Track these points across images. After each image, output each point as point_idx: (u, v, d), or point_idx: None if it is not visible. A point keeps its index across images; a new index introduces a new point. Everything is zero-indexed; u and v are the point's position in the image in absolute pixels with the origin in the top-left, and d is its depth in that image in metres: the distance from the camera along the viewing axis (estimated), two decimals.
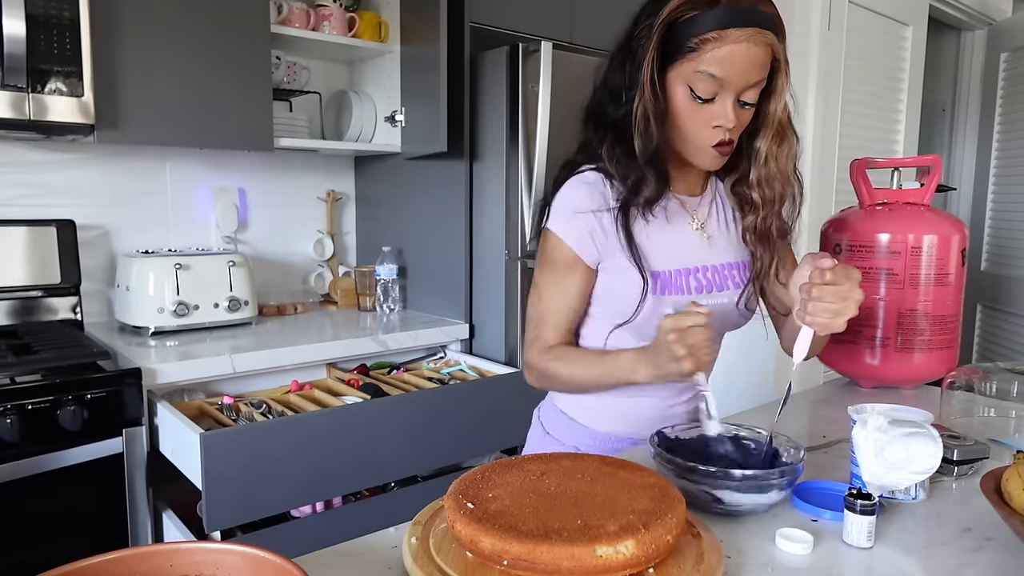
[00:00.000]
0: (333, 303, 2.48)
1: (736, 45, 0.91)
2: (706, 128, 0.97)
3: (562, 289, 1.07)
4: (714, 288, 1.06)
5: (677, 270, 1.05)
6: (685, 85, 0.96)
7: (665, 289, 1.03)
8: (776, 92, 0.99)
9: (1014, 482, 0.73)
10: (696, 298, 1.04)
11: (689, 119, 0.97)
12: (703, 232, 1.08)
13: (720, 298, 1.06)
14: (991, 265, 3.33)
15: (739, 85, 0.94)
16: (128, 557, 0.60)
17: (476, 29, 2.10)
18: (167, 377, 1.65)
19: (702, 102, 0.95)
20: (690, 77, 0.95)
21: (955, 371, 1.23)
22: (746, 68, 0.93)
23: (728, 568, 0.72)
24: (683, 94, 0.96)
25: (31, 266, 1.90)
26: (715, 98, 0.95)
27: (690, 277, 1.05)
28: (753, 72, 0.94)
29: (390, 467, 1.75)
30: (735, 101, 0.96)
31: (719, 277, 1.07)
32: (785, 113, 1.02)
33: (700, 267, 1.06)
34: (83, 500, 1.53)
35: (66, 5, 1.61)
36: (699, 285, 1.05)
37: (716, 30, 0.91)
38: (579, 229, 1.03)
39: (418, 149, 2.21)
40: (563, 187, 1.05)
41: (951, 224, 1.34)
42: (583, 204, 1.03)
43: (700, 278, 1.06)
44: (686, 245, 1.06)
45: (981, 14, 3.24)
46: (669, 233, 1.05)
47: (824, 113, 2.47)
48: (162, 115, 1.83)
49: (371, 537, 0.79)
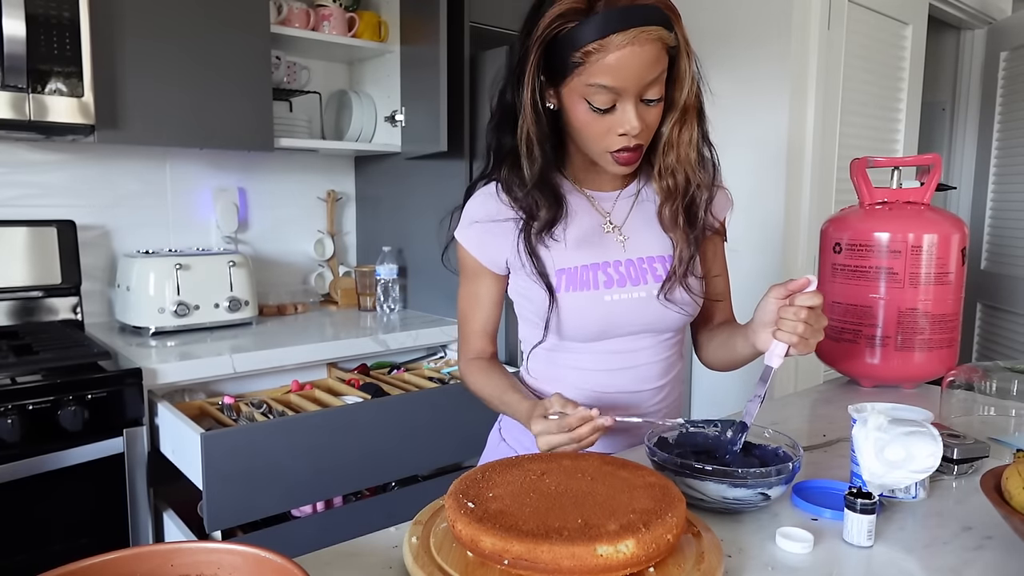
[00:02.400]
0: (333, 303, 2.48)
1: (621, 51, 0.87)
2: (612, 136, 0.94)
3: (473, 296, 1.11)
4: (627, 282, 1.03)
5: (584, 266, 1.03)
6: (582, 99, 0.93)
7: (570, 286, 1.02)
8: (679, 78, 0.95)
9: (1014, 481, 0.73)
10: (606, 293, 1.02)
11: (594, 130, 0.95)
12: (617, 231, 1.06)
13: (636, 292, 1.03)
14: (991, 264, 3.33)
15: (635, 89, 0.91)
16: (128, 557, 0.60)
17: (476, 29, 2.10)
18: (167, 377, 1.65)
19: (603, 112, 0.93)
20: (584, 91, 0.92)
21: (955, 370, 1.24)
22: (638, 71, 0.89)
23: (728, 567, 0.72)
24: (583, 109, 0.93)
25: (31, 266, 1.90)
26: (615, 106, 0.92)
27: (598, 272, 1.03)
28: (646, 72, 0.90)
29: (390, 467, 1.75)
30: (636, 103, 0.92)
31: (635, 271, 1.04)
32: (692, 96, 0.97)
33: (612, 262, 1.04)
34: (83, 500, 1.53)
35: (66, 5, 1.61)
36: (608, 279, 1.03)
37: (596, 40, 0.87)
38: (476, 238, 1.06)
39: (418, 149, 2.21)
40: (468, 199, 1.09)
41: (951, 223, 1.34)
42: (479, 213, 1.06)
43: (611, 272, 1.03)
44: (597, 242, 1.05)
45: (981, 13, 3.24)
46: (577, 231, 1.04)
47: (824, 112, 2.47)
48: (162, 115, 1.83)
49: (372, 537, 0.79)
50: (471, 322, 1.12)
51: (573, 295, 1.02)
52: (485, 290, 1.10)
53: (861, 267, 1.35)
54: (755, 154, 2.49)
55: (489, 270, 1.08)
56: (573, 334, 1.04)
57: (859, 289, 1.35)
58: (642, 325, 1.05)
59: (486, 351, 1.13)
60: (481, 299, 1.11)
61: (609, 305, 1.03)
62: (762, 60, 2.43)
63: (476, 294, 1.11)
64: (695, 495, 0.82)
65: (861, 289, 1.35)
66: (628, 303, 1.03)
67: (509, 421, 1.19)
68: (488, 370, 1.10)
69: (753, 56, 2.45)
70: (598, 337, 1.05)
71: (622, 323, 1.04)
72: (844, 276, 1.37)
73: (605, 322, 1.03)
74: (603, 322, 1.03)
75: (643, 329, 1.06)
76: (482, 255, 1.07)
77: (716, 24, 2.53)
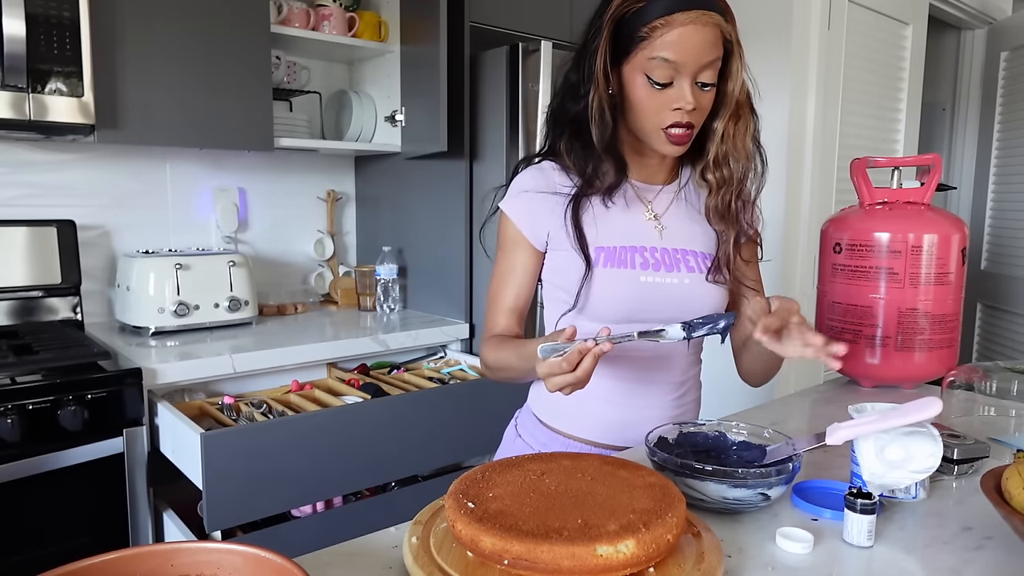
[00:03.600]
0: (333, 303, 2.48)
1: (684, 28, 0.95)
2: (666, 111, 1.00)
3: (509, 267, 1.11)
4: (662, 267, 1.06)
5: (623, 247, 1.06)
6: (642, 74, 0.99)
7: (608, 262, 1.05)
8: (732, 74, 1.03)
9: (1014, 481, 0.73)
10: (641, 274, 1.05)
11: (650, 105, 1.00)
12: (656, 221, 1.10)
13: (670, 278, 1.06)
14: (991, 264, 3.33)
15: (694, 67, 0.97)
16: (128, 557, 0.60)
17: (476, 29, 2.10)
18: (167, 377, 1.65)
19: (661, 87, 0.98)
20: (645, 65, 0.98)
21: (955, 370, 1.23)
22: (698, 49, 0.96)
23: (728, 567, 0.72)
24: (642, 83, 0.99)
25: (31, 266, 1.90)
26: (672, 82, 0.98)
27: (635, 255, 1.06)
28: (705, 52, 0.97)
29: (390, 467, 1.75)
30: (692, 83, 0.98)
31: (670, 259, 1.07)
32: (743, 94, 1.05)
33: (649, 247, 1.07)
34: (83, 500, 1.53)
35: (66, 5, 1.61)
36: (644, 262, 1.06)
37: (663, 16, 0.95)
38: (523, 207, 1.09)
39: (418, 149, 2.21)
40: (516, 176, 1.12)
41: (951, 223, 1.34)
42: (529, 184, 1.09)
43: (647, 256, 1.07)
44: (636, 228, 1.08)
45: (981, 13, 3.24)
46: (619, 215, 1.08)
47: (824, 112, 2.47)
48: (162, 115, 1.83)
49: (371, 537, 0.79)
50: (501, 297, 1.11)
51: (610, 271, 1.05)
52: (521, 262, 1.10)
53: (861, 267, 1.35)
54: None
55: (529, 242, 1.09)
56: (603, 310, 1.05)
57: (859, 289, 1.35)
58: (670, 312, 1.06)
59: (511, 330, 1.11)
60: (516, 271, 1.10)
61: (644, 286, 1.05)
62: (762, 60, 2.43)
63: (512, 266, 1.10)
64: (695, 495, 0.82)
65: (861, 289, 1.35)
66: (661, 287, 1.06)
67: (525, 417, 1.19)
68: (504, 340, 1.08)
69: (753, 56, 2.43)
70: (626, 317, 1.05)
71: (652, 306, 1.05)
72: (844, 276, 1.37)
73: (637, 300, 1.05)
74: (635, 300, 1.05)
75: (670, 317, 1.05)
76: (526, 225, 1.08)
77: None
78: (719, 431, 0.96)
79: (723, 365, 1.21)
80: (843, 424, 0.83)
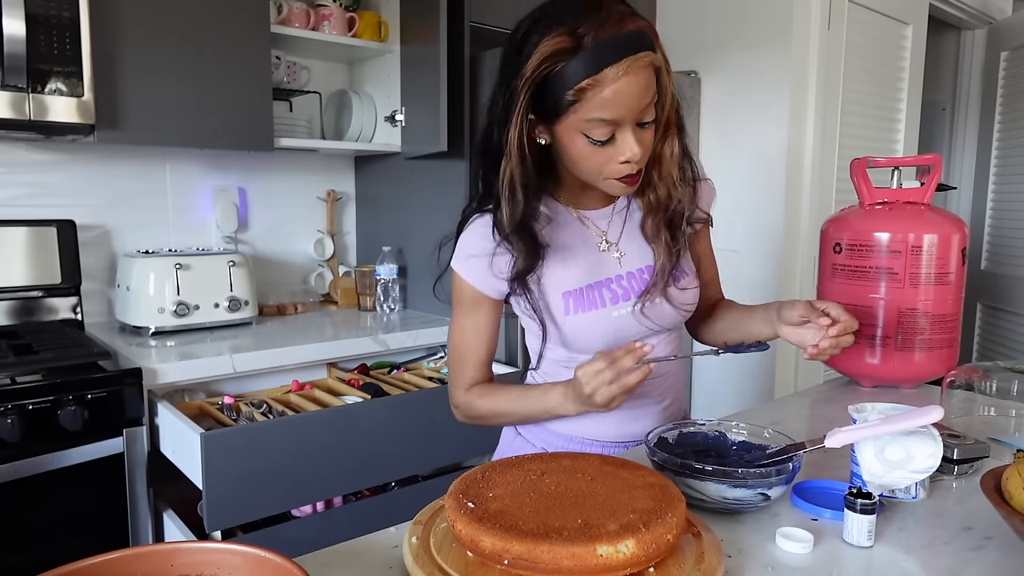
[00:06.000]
0: (333, 303, 2.48)
1: (617, 83, 0.86)
2: (613, 164, 0.93)
3: (473, 325, 1.07)
4: (631, 295, 1.04)
5: (589, 285, 1.04)
6: (580, 134, 0.91)
7: (578, 307, 1.03)
8: (663, 96, 0.94)
9: (1014, 481, 0.73)
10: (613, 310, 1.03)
11: (594, 161, 0.94)
12: (613, 247, 1.07)
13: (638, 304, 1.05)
14: (991, 264, 3.33)
15: (634, 116, 0.90)
16: (128, 557, 0.60)
17: (476, 29, 2.10)
18: (167, 377, 1.65)
19: (602, 144, 0.91)
20: (581, 127, 0.90)
21: (955, 370, 1.23)
22: (635, 99, 0.88)
23: (728, 567, 0.72)
24: (581, 142, 0.92)
25: (31, 266, 1.90)
26: (614, 135, 0.91)
27: (602, 290, 1.04)
28: (642, 98, 0.89)
29: (390, 467, 1.75)
30: (634, 129, 0.91)
31: (636, 283, 1.05)
32: (672, 112, 0.97)
33: (613, 277, 1.05)
34: (83, 500, 1.53)
35: (66, 5, 1.61)
36: (613, 295, 1.04)
37: (591, 76, 0.85)
38: (476, 269, 1.03)
39: (418, 149, 2.21)
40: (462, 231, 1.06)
41: (951, 223, 1.34)
42: (475, 249, 1.03)
43: (615, 288, 1.04)
44: (595, 262, 1.05)
45: (981, 13, 3.24)
46: (576, 252, 1.05)
47: (824, 112, 2.47)
48: (162, 115, 1.83)
49: (371, 537, 0.79)
50: (472, 353, 1.08)
51: (581, 316, 1.03)
52: (485, 317, 1.07)
53: (861, 267, 1.35)
54: (755, 154, 2.49)
55: (490, 297, 1.06)
56: (581, 348, 1.05)
57: (859, 289, 1.35)
58: (647, 332, 1.06)
59: (484, 380, 1.10)
60: (481, 330, 1.07)
61: (617, 320, 1.04)
62: (762, 60, 2.43)
63: (476, 325, 1.07)
64: (695, 495, 0.82)
65: (861, 289, 1.35)
66: (633, 316, 1.04)
67: None
68: (493, 388, 1.08)
69: (753, 56, 2.45)
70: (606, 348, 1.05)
71: (630, 333, 1.04)
72: (844, 276, 1.37)
73: (613, 336, 1.04)
74: (612, 337, 1.04)
75: (648, 334, 1.07)
76: (483, 285, 1.04)
77: (716, 25, 2.53)
78: (719, 431, 0.96)
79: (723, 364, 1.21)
80: (843, 429, 0.83)
